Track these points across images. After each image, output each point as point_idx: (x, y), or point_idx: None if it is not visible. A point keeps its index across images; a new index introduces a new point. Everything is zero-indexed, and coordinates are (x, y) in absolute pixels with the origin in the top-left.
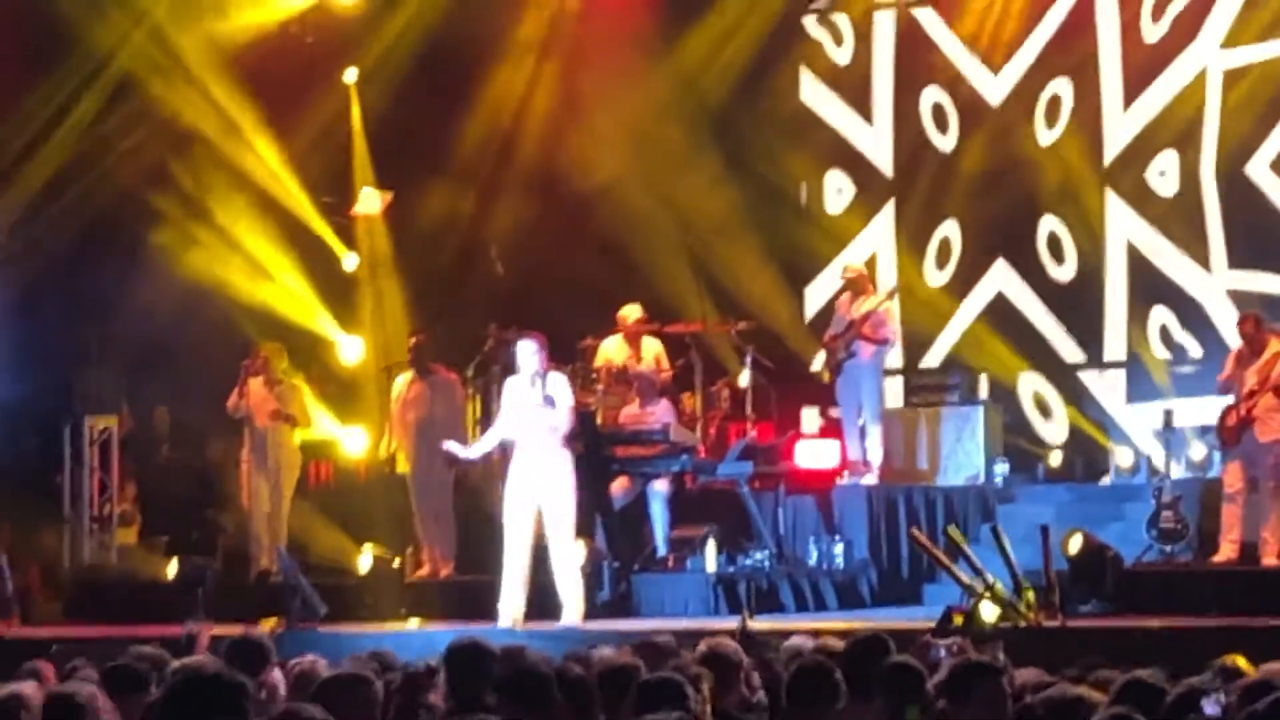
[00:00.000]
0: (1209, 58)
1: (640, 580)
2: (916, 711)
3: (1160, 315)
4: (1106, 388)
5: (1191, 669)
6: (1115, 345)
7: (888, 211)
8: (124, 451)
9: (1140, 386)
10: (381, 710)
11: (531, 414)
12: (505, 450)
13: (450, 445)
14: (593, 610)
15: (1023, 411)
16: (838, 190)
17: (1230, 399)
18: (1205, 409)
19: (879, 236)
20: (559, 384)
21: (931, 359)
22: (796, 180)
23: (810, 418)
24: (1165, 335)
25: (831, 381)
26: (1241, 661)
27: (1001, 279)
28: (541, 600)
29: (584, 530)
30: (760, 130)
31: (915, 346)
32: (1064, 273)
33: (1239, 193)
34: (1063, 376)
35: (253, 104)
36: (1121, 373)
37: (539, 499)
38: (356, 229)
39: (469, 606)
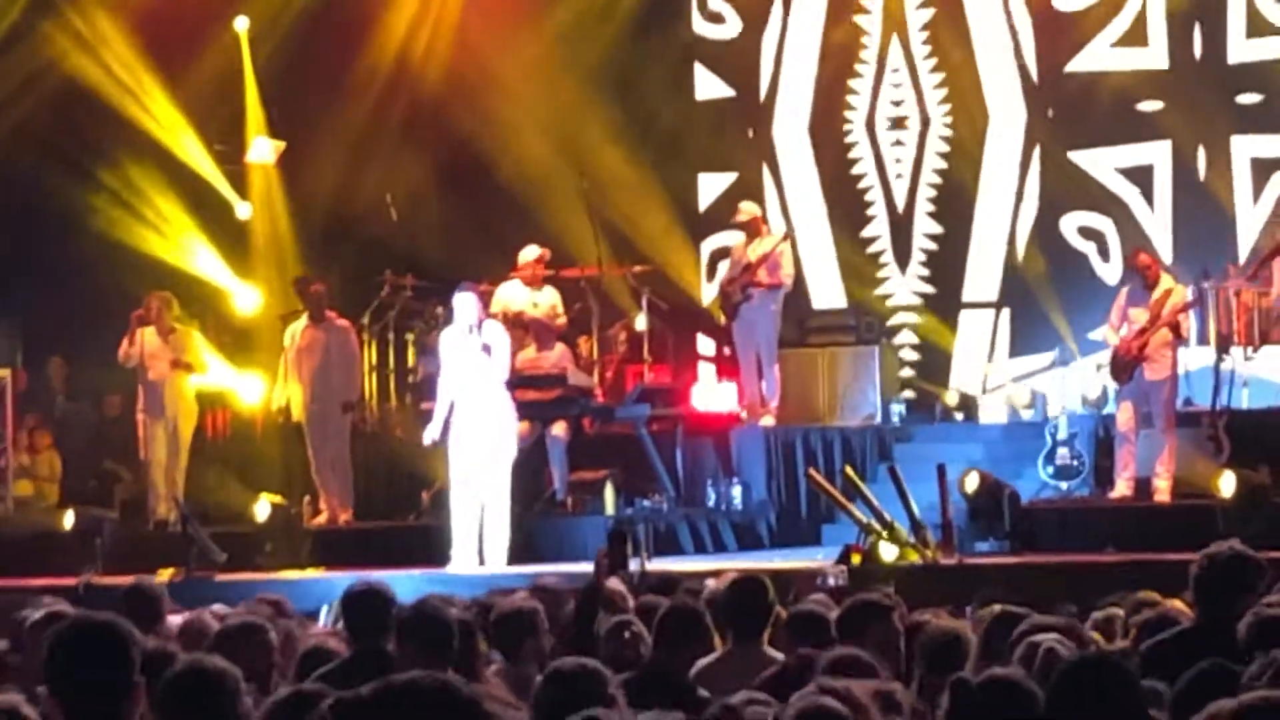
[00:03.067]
0: None
1: (539, 524)
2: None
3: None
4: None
5: (1089, 605)
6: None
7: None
8: (20, 403)
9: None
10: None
11: (471, 364)
12: (402, 397)
13: (427, 437)
14: None
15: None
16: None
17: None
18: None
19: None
20: (495, 332)
21: (829, 299)
22: (691, 123)
23: (707, 361)
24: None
25: (728, 324)
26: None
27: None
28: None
29: None
30: (655, 73)
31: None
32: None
33: None
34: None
35: (144, 52)
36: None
37: (481, 446)
38: (250, 177)
39: (368, 553)
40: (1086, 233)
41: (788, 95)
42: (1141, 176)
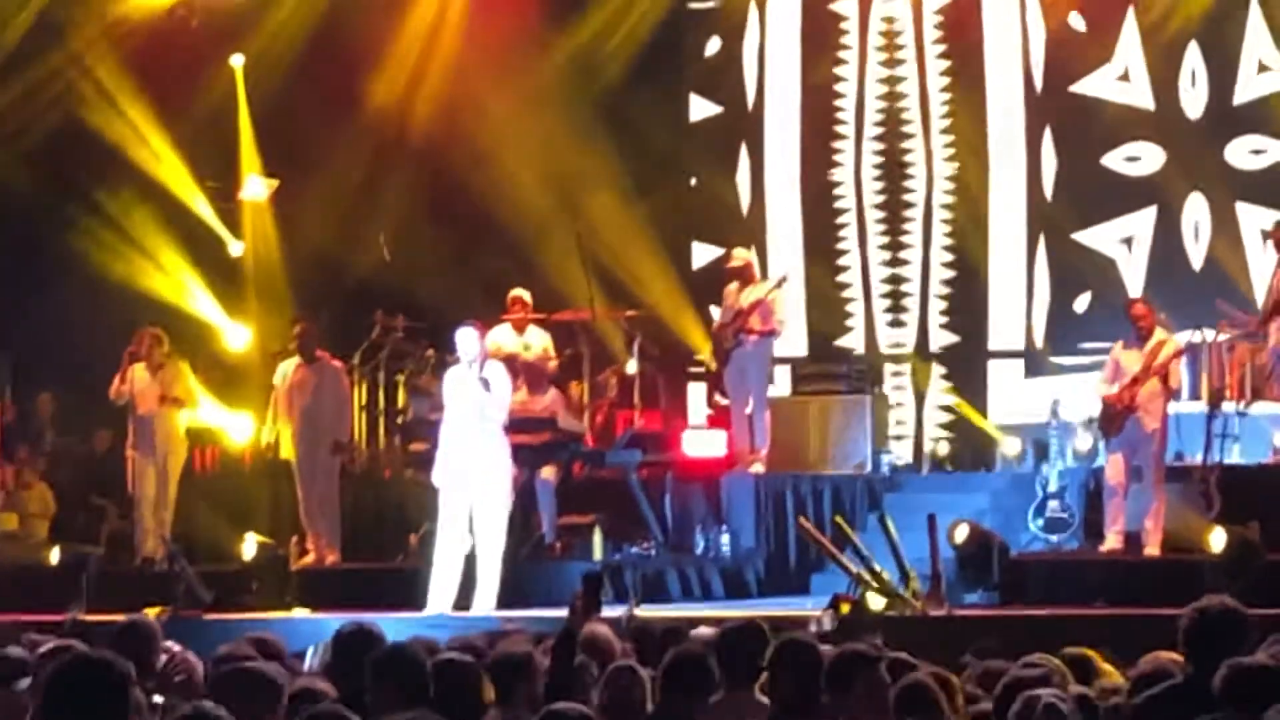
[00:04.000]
0: None
1: (527, 568)
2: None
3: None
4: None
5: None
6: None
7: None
8: (7, 439)
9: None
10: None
11: (470, 402)
12: (392, 438)
13: (435, 479)
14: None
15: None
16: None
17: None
18: (1092, 399)
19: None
20: (497, 371)
21: (822, 348)
22: (688, 167)
23: (698, 407)
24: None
25: (719, 370)
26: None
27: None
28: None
29: None
30: (651, 117)
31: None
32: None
33: None
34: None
35: (139, 88)
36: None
37: (474, 486)
38: (243, 215)
39: (355, 594)
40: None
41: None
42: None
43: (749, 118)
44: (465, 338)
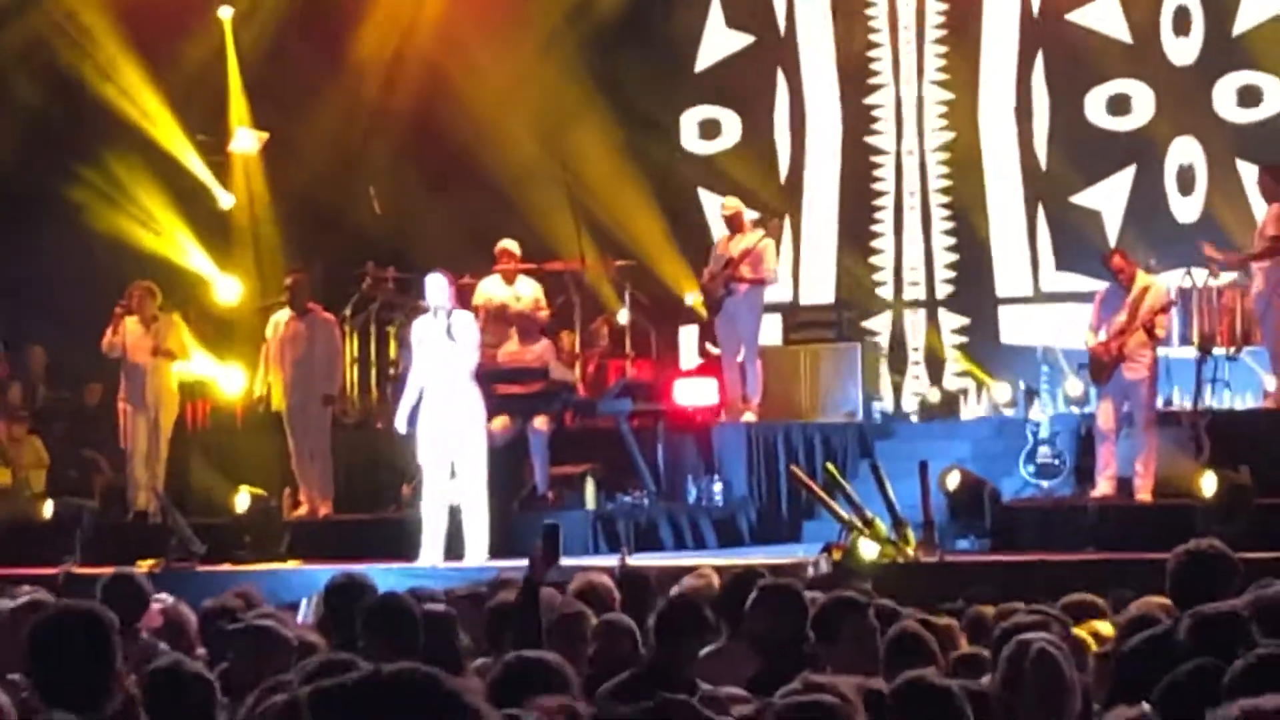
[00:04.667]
0: None
1: (520, 519)
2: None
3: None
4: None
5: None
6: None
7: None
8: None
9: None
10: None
11: (439, 352)
12: (383, 389)
13: (398, 425)
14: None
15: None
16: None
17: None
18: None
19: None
20: (465, 321)
21: (814, 296)
22: (676, 117)
23: (689, 352)
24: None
25: (710, 319)
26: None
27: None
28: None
29: None
30: (640, 67)
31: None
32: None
33: None
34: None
35: (127, 41)
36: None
37: (450, 437)
38: (233, 168)
39: (348, 545)
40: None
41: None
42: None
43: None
44: (434, 285)
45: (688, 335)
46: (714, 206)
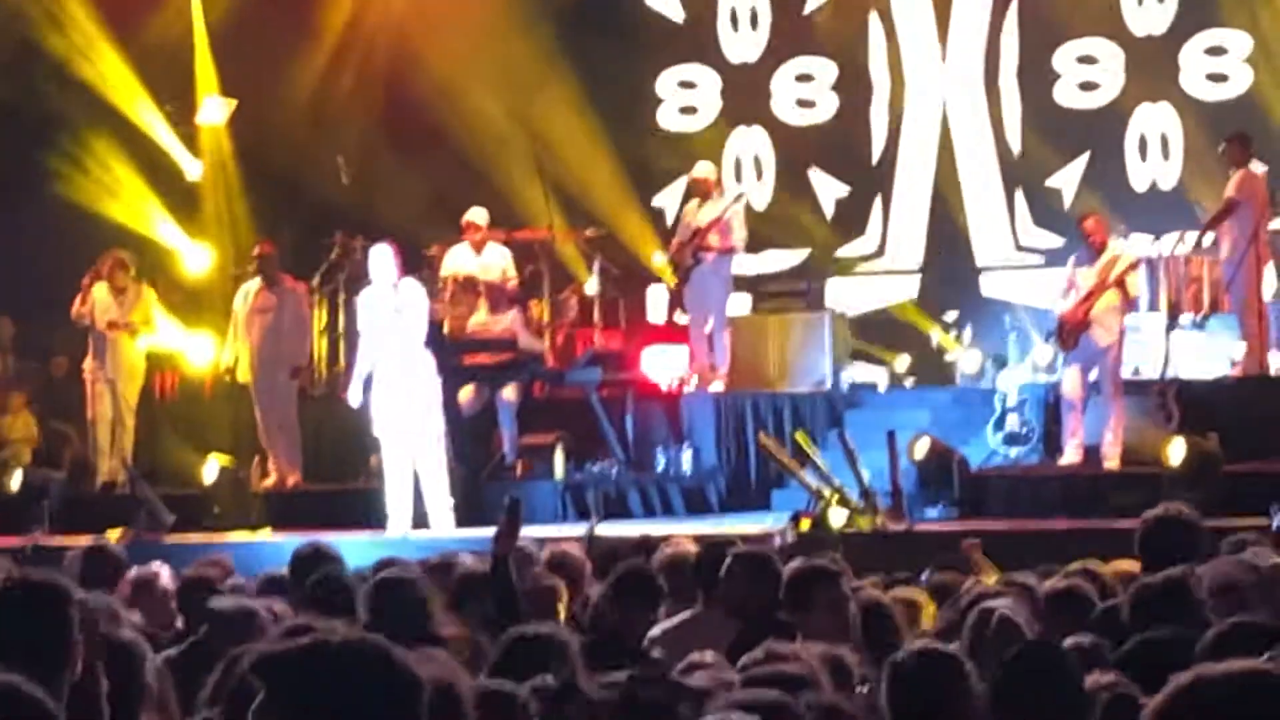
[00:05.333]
0: None
1: (489, 488)
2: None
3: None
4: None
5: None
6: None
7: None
8: None
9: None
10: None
11: (390, 323)
12: (353, 361)
13: (350, 398)
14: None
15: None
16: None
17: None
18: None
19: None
20: (413, 289)
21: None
22: (646, 88)
23: (657, 312)
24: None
25: (679, 288)
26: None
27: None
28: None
29: None
30: (609, 38)
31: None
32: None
33: None
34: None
35: (95, 11)
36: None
37: (407, 407)
38: (201, 137)
39: (317, 515)
40: None
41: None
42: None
43: None
44: (379, 256)
45: (656, 294)
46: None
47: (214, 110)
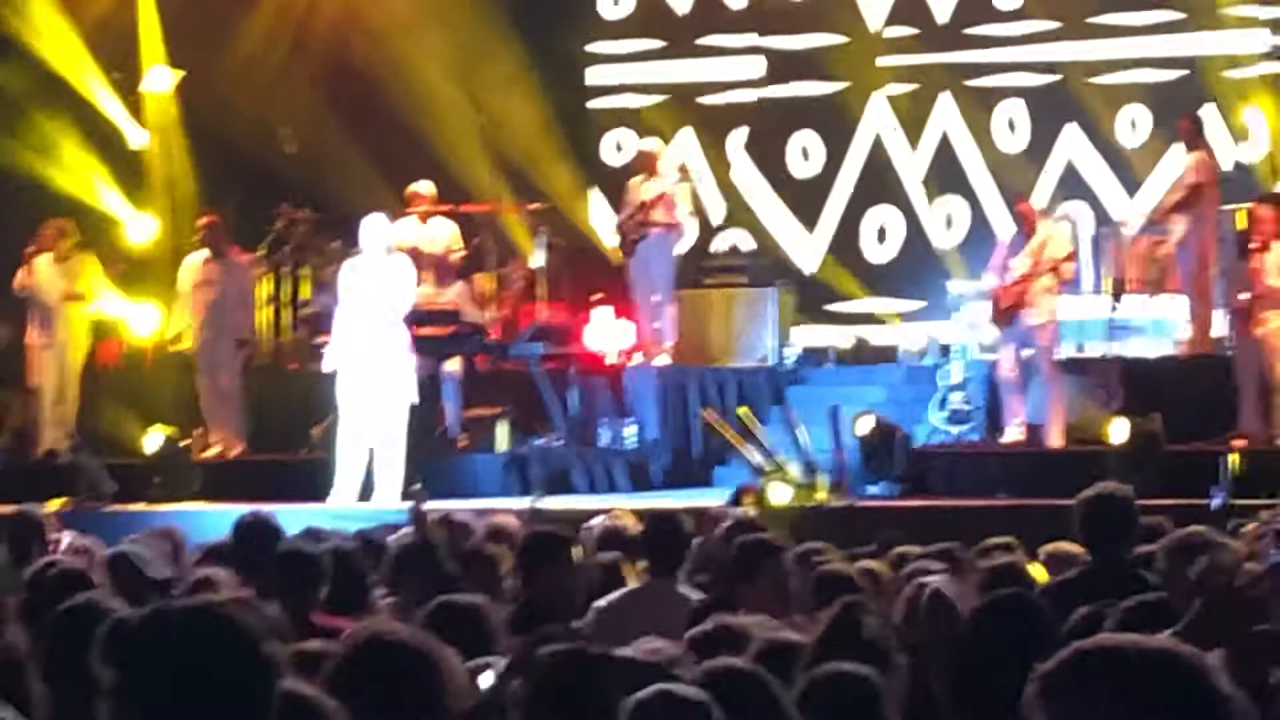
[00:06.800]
0: None
1: (432, 461)
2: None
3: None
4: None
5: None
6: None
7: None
8: None
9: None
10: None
11: (372, 293)
12: (296, 331)
13: (326, 364)
14: None
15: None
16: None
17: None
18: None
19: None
20: (400, 263)
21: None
22: (592, 60)
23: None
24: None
25: (624, 263)
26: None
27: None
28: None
29: None
30: (555, 12)
31: (709, 228)
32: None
33: None
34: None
35: None
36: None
37: (375, 379)
38: (146, 106)
39: (259, 486)
40: None
41: None
42: None
43: None
44: (373, 226)
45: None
46: (628, 148)
47: (160, 79)
